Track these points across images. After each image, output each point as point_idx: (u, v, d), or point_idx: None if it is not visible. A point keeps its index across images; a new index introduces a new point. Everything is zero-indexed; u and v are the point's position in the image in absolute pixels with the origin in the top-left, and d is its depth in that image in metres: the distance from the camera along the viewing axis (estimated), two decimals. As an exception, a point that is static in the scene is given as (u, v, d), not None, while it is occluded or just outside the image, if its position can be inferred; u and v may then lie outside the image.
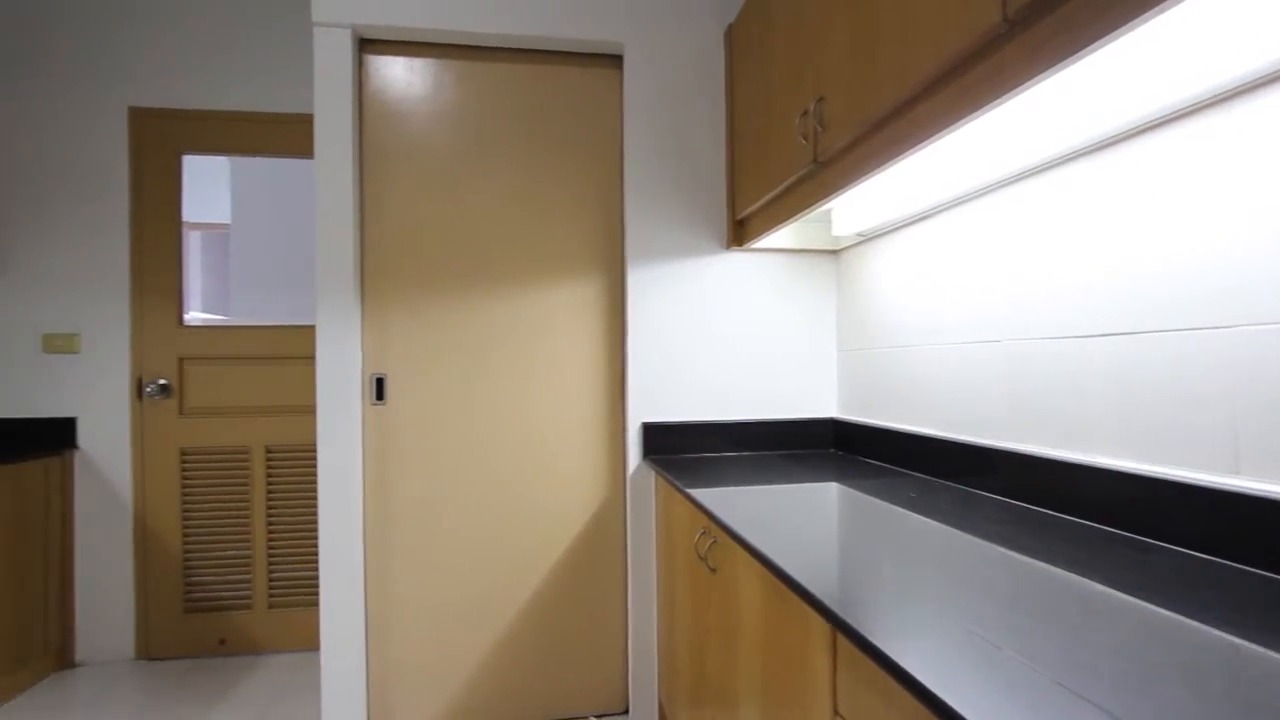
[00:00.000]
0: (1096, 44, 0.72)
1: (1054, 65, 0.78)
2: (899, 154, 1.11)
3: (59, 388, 2.45)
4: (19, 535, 2.22)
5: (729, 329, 2.04)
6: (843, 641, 0.79)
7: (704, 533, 1.43)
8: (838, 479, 1.58)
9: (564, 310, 2.03)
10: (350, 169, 1.87)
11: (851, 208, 1.69)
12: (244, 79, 2.54)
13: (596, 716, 2.04)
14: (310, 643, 2.58)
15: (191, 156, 2.55)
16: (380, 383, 1.93)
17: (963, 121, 0.95)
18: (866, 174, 1.23)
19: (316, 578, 2.56)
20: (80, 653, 2.46)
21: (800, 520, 1.19)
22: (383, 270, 1.94)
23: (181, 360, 2.51)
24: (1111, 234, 1.09)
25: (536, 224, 2.01)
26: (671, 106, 2.02)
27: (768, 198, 1.70)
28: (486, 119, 1.99)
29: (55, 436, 2.44)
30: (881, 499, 1.34)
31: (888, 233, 1.77)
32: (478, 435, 1.98)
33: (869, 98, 1.16)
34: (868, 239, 1.88)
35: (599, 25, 1.97)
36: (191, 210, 2.58)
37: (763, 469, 1.73)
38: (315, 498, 2.56)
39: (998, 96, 0.87)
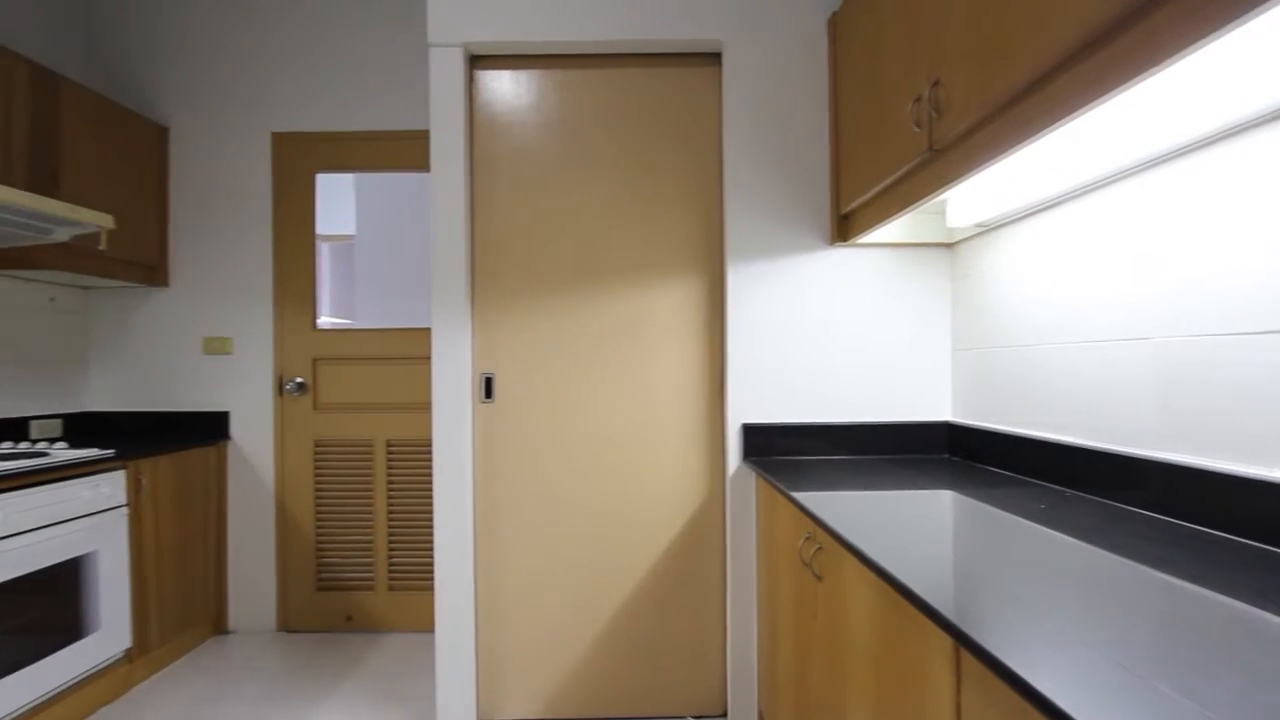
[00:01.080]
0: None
1: (1221, 26, 0.69)
2: (1029, 136, 1.02)
3: (216, 385, 2.76)
4: (184, 514, 2.52)
5: (833, 328, 1.97)
6: (968, 659, 0.74)
7: (808, 538, 1.39)
8: (953, 486, 1.48)
9: (664, 310, 2.04)
10: (462, 179, 1.97)
11: (970, 197, 1.58)
12: (368, 102, 2.75)
13: (694, 718, 2.03)
14: (426, 624, 2.75)
15: (324, 175, 2.79)
16: (489, 382, 2.02)
17: (1108, 97, 0.86)
18: (989, 160, 1.14)
19: (431, 564, 2.73)
20: (232, 621, 2.76)
21: (914, 529, 1.12)
22: (491, 274, 2.03)
23: (315, 360, 2.75)
24: (1293, 215, 0.95)
25: (637, 225, 2.04)
26: (771, 102, 1.98)
27: (875, 190, 1.63)
28: (587, 124, 2.03)
29: (212, 428, 2.75)
30: (1005, 510, 1.24)
31: (1012, 222, 1.64)
32: (579, 433, 2.03)
33: (994, 77, 1.07)
34: (988, 230, 1.75)
35: (698, 25, 1.96)
36: (322, 223, 2.83)
37: (870, 474, 1.66)
38: (430, 489, 2.73)
39: (1152, 66, 0.78)
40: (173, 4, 2.77)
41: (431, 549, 2.73)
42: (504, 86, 2.03)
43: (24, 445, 2.23)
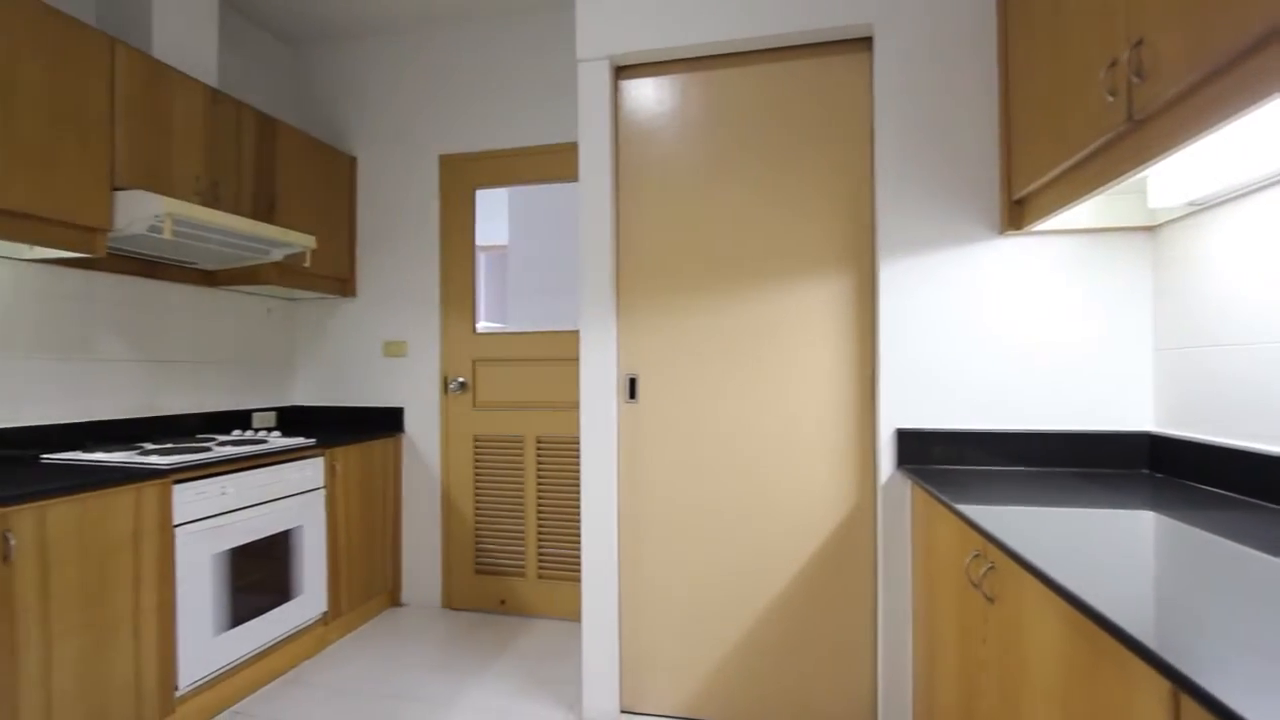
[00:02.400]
0: None
1: None
2: (1267, 95, 0.86)
3: (393, 384, 3.10)
4: (368, 498, 2.85)
5: (1002, 326, 1.79)
6: (1189, 707, 0.63)
7: (977, 555, 1.27)
8: (1156, 507, 1.28)
9: (810, 309, 1.97)
10: (608, 186, 2.05)
11: (1180, 172, 1.36)
12: (521, 120, 2.95)
13: (842, 737, 1.93)
14: (570, 612, 2.88)
15: (482, 190, 3.03)
16: (633, 382, 2.08)
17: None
18: (1209, 128, 0.98)
19: (578, 555, 2.86)
20: (405, 595, 3.08)
21: (1110, 553, 0.98)
22: (635, 276, 2.08)
23: (475, 362, 2.99)
24: None
25: (782, 222, 1.99)
26: (928, 83, 1.84)
27: (1056, 172, 1.45)
28: (730, 123, 2.02)
29: (390, 422, 3.09)
30: (1228, 537, 1.05)
31: (1237, 197, 1.39)
32: (723, 434, 2.02)
33: (1217, 28, 0.92)
34: (1204, 208, 1.49)
35: (845, 10, 1.88)
36: (479, 235, 3.07)
37: (1048, 488, 1.48)
38: (577, 484, 2.86)
39: None
40: (359, 57, 3.16)
41: (577, 542, 2.86)
42: (647, 93, 2.08)
43: (248, 434, 2.65)
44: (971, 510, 1.28)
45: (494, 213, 3.96)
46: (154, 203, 1.94)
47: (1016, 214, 1.74)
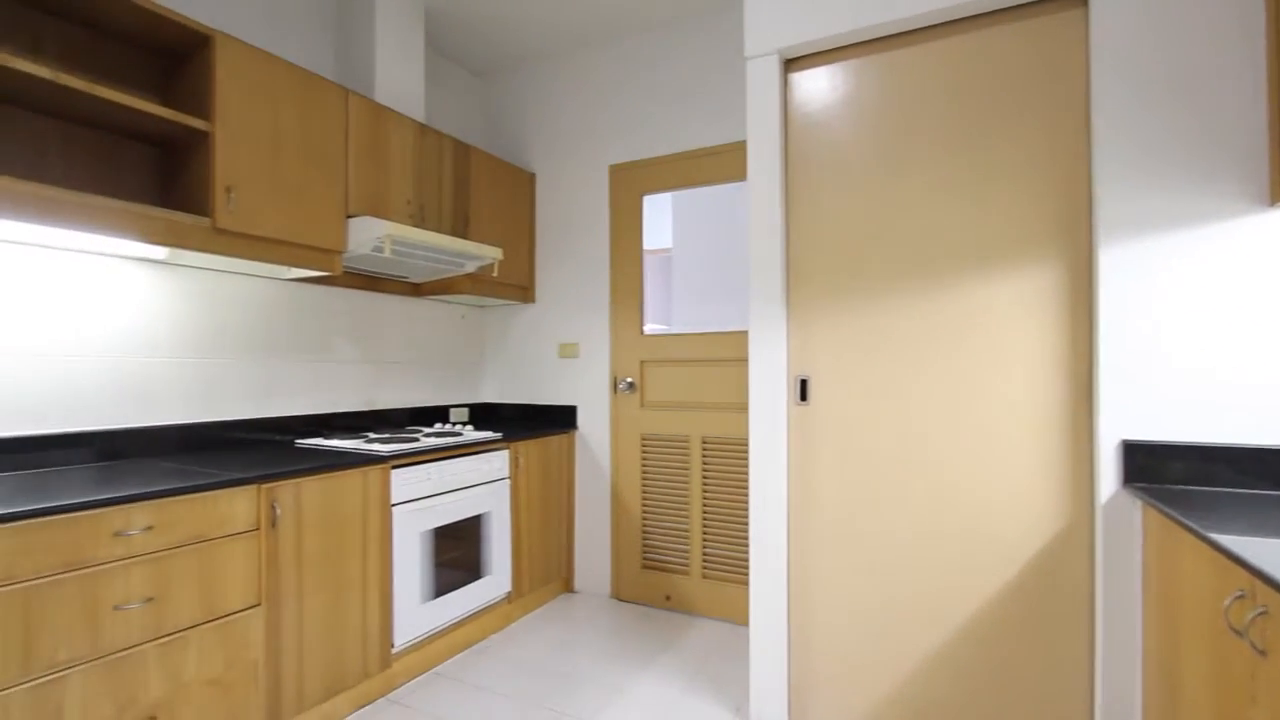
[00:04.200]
0: None
1: None
2: None
3: (567, 383, 3.30)
4: (545, 489, 3.06)
5: (1272, 317, 1.46)
6: None
7: (1241, 596, 1.05)
8: None
9: (1006, 303, 1.77)
10: (778, 183, 2.00)
11: None
12: (684, 125, 2.99)
13: (1049, 788, 1.70)
14: (734, 614, 2.85)
15: (649, 196, 3.12)
16: (804, 384, 2.01)
17: None
18: None
19: (742, 557, 2.83)
20: (577, 583, 3.26)
21: None
22: (805, 275, 2.01)
23: (642, 363, 3.09)
24: None
25: (971, 210, 1.81)
26: (1163, 31, 1.56)
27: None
28: (909, 106, 1.88)
29: (565, 419, 3.29)
30: None
31: None
32: (902, 440, 1.88)
33: None
34: None
35: (1053, -35, 1.66)
36: (645, 239, 3.16)
37: (1348, 522, 1.18)
38: (742, 486, 2.83)
39: None
40: (537, 82, 3.41)
41: (741, 544, 2.83)
42: (818, 84, 2.00)
43: (446, 427, 2.97)
44: (1234, 541, 1.06)
45: (659, 217, 4.06)
46: (377, 226, 2.26)
47: (1294, 181, 1.41)
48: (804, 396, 2.00)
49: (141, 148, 2.02)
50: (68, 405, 1.89)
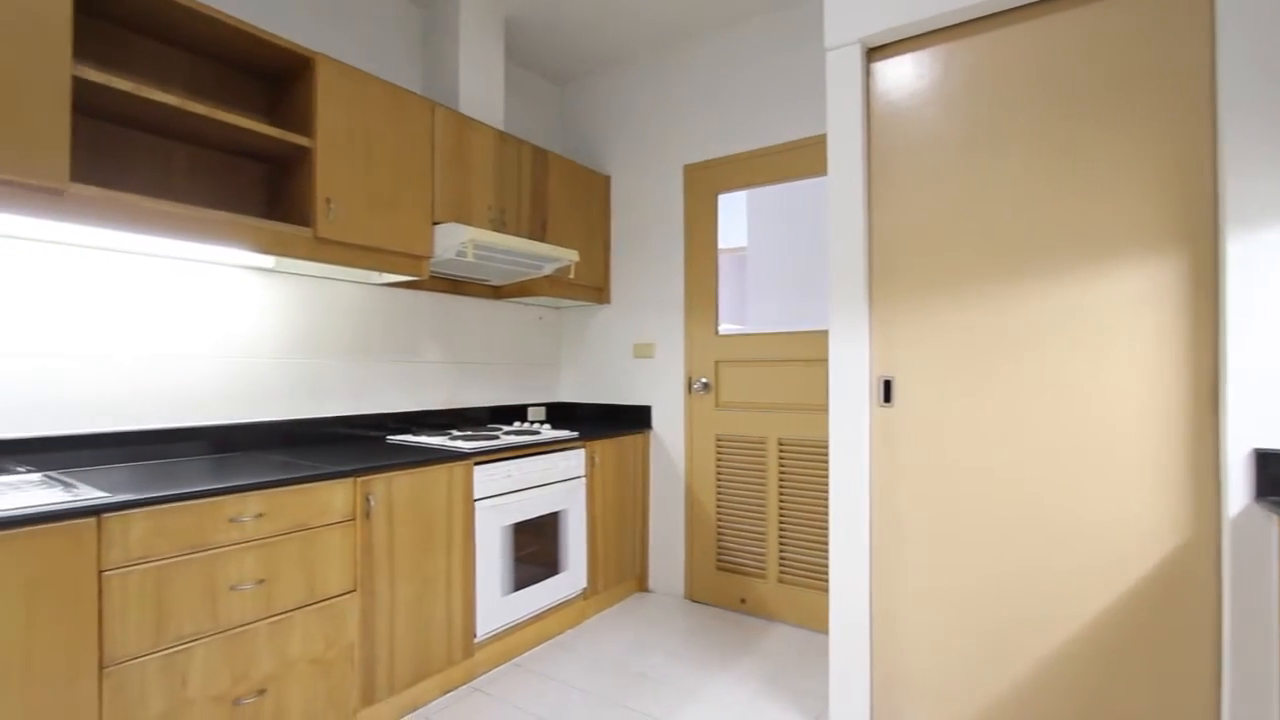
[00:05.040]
0: None
1: None
2: None
3: (642, 383, 3.32)
4: (620, 488, 3.09)
5: None
6: None
7: None
8: None
9: (1110, 299, 1.63)
10: (860, 177, 1.94)
11: None
12: (758, 122, 2.95)
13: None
14: (812, 621, 2.78)
15: (724, 195, 3.10)
16: (887, 385, 1.93)
17: None
18: None
19: (821, 562, 2.76)
20: (651, 583, 3.27)
21: None
22: (889, 272, 1.94)
23: (717, 363, 3.07)
24: None
25: (1070, 201, 1.68)
26: (1307, -3, 1.40)
27: None
28: (1002, 92, 1.77)
29: (639, 419, 3.31)
30: None
31: None
32: (995, 444, 1.77)
33: None
34: None
35: (1171, -72, 1.52)
36: (720, 238, 3.13)
37: None
38: (820, 489, 2.76)
39: None
40: (611, 88, 3.45)
41: (820, 549, 2.76)
42: (903, 72, 1.92)
43: (525, 426, 3.05)
44: (1399, 566, 0.93)
45: (733, 216, 4.02)
46: (461, 232, 2.35)
47: None
48: (888, 398, 1.93)
49: (252, 165, 2.20)
50: (195, 401, 2.08)
